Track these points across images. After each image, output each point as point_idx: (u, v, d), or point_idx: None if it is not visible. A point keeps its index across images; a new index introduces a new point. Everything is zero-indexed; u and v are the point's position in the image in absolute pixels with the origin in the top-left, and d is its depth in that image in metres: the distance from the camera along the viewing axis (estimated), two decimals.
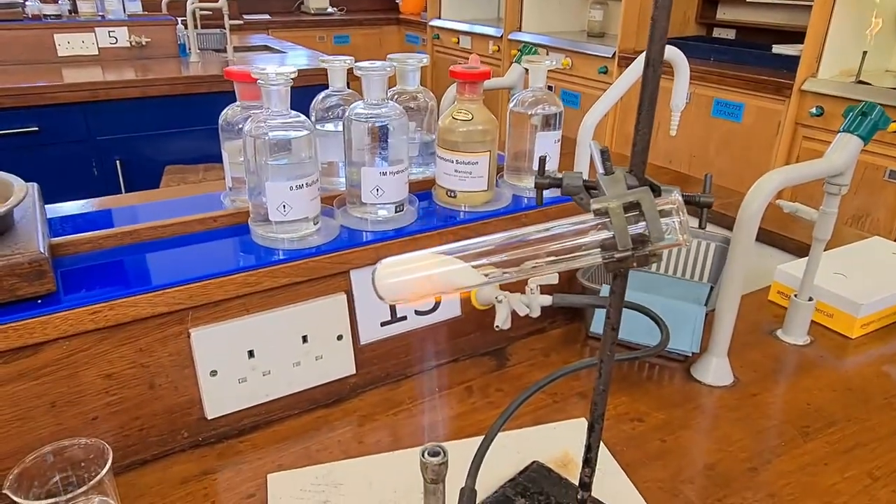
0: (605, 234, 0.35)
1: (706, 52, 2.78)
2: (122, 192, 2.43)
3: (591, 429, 0.55)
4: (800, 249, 1.21)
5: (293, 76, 0.68)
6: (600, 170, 0.41)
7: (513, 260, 0.38)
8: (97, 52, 2.61)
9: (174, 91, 2.40)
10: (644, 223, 0.33)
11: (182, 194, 1.11)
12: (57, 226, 0.79)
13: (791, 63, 2.42)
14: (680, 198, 0.34)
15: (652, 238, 0.32)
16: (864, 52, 2.31)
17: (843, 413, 0.76)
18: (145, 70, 2.51)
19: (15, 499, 0.51)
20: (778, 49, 2.68)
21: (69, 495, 0.52)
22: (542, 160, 0.45)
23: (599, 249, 0.35)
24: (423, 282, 0.37)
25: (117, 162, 2.39)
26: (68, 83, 2.25)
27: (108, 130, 2.34)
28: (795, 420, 0.74)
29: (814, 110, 2.34)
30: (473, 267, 0.37)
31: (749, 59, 2.69)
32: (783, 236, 1.23)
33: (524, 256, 0.37)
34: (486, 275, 0.37)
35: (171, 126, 2.45)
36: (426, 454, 0.41)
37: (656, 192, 0.45)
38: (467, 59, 0.80)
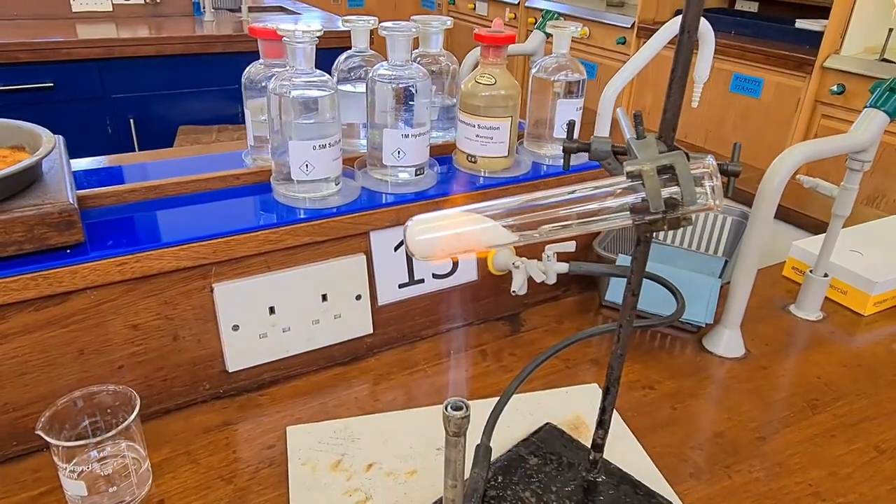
0: (635, 197, 0.35)
1: (727, 24, 2.74)
2: (135, 151, 2.44)
3: (606, 392, 0.57)
4: (814, 227, 1.21)
5: (319, 34, 0.68)
6: (631, 134, 0.41)
7: (541, 220, 0.39)
8: (111, 9, 2.59)
9: (188, 50, 2.39)
10: (676, 188, 0.34)
11: (200, 153, 1.11)
12: (80, 179, 0.80)
13: (814, 39, 2.38)
14: (713, 163, 0.34)
15: (685, 201, 0.32)
16: (890, 30, 2.27)
17: (852, 388, 0.76)
18: (159, 28, 2.50)
19: (47, 439, 0.52)
20: (801, 24, 2.63)
21: (98, 438, 0.54)
22: (571, 125, 0.46)
23: (629, 212, 0.36)
24: (453, 239, 0.37)
25: (131, 120, 2.39)
26: (83, 39, 2.24)
27: (122, 88, 2.34)
28: (804, 393, 0.75)
29: (835, 88, 2.30)
30: (503, 226, 0.38)
31: (771, 33, 2.64)
32: (798, 213, 1.23)
33: (552, 218, 0.38)
34: (515, 234, 0.38)
35: (185, 86, 2.44)
36: (449, 408, 0.42)
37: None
38: (485, 25, 0.79)
